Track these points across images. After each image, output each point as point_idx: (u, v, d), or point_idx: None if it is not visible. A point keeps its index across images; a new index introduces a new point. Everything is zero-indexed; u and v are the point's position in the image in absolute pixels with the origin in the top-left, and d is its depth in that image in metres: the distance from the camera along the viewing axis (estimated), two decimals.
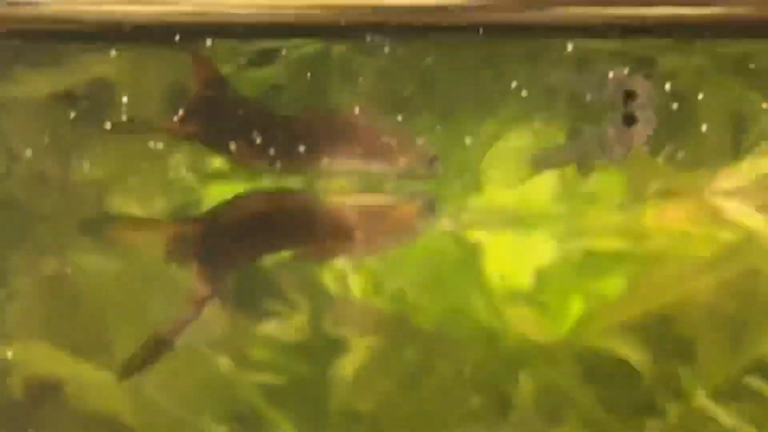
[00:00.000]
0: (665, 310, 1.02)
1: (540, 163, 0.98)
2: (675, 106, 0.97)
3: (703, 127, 0.98)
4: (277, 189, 1.01)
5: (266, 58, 1.00)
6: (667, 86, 0.96)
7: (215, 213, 1.00)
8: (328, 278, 1.03)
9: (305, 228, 1.00)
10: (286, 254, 1.01)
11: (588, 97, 0.96)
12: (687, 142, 0.99)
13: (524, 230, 1.02)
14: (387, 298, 1.04)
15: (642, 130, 0.96)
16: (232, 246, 1.00)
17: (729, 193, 0.99)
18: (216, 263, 1.00)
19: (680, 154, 0.99)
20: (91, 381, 1.03)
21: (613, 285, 1.04)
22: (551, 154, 0.98)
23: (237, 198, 1.00)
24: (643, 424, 1.02)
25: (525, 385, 1.03)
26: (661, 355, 1.02)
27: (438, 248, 1.02)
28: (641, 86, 0.95)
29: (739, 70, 0.97)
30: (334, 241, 1.00)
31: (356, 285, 1.04)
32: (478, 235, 1.02)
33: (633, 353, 1.03)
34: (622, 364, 1.03)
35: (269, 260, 1.02)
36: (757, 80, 0.97)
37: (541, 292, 1.03)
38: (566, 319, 1.04)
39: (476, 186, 1.01)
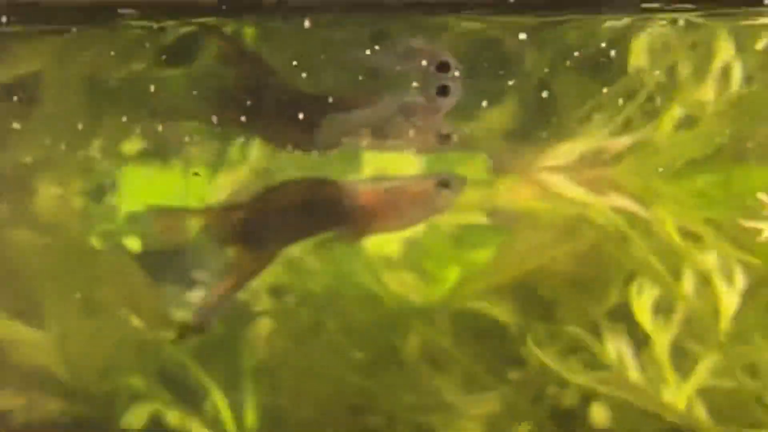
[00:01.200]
0: (528, 276, 1.16)
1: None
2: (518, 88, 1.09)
3: (531, 108, 1.09)
4: (311, 177, 1.11)
5: None
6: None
7: (257, 199, 1.11)
8: None
9: (339, 212, 1.10)
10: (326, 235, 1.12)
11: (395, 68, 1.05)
12: (518, 121, 1.10)
13: None
14: (284, 265, 1.17)
15: (449, 102, 1.04)
16: (274, 230, 1.10)
17: (554, 170, 1.11)
18: (259, 246, 1.10)
19: (511, 133, 1.10)
20: (25, 339, 1.16)
21: (484, 254, 1.17)
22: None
23: (279, 185, 1.11)
24: (508, 373, 1.15)
25: (409, 342, 1.16)
26: (525, 314, 1.15)
27: None
28: (452, 60, 1.03)
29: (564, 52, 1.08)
30: (365, 222, 1.11)
31: None
32: None
33: (502, 313, 1.16)
34: (493, 322, 1.16)
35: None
36: (582, 63, 1.09)
37: (419, 261, 1.16)
38: (444, 284, 1.17)
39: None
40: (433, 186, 1.11)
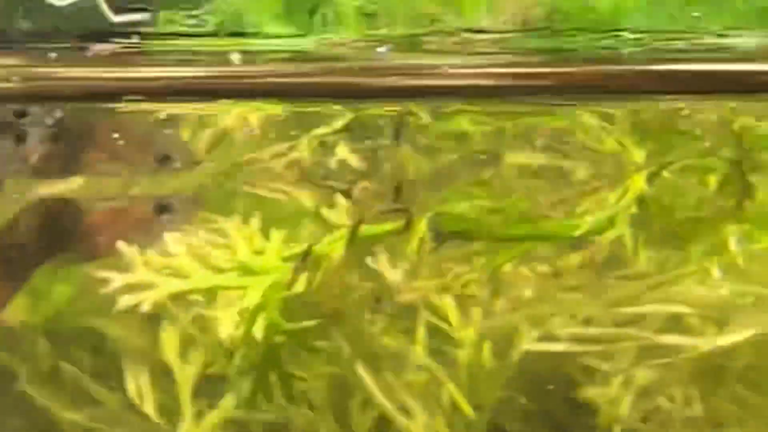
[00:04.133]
0: None
1: None
2: None
3: None
4: (46, 198, 0.99)
5: None
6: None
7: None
8: None
9: (74, 233, 0.99)
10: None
11: None
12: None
13: None
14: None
15: (34, 149, 0.98)
16: (11, 260, 0.98)
17: None
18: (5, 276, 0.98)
19: None
20: None
21: None
22: None
23: (22, 210, 0.98)
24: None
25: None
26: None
27: None
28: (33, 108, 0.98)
29: None
30: (94, 244, 0.99)
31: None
32: None
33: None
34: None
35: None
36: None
37: None
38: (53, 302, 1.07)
39: None
40: (151, 210, 0.98)
